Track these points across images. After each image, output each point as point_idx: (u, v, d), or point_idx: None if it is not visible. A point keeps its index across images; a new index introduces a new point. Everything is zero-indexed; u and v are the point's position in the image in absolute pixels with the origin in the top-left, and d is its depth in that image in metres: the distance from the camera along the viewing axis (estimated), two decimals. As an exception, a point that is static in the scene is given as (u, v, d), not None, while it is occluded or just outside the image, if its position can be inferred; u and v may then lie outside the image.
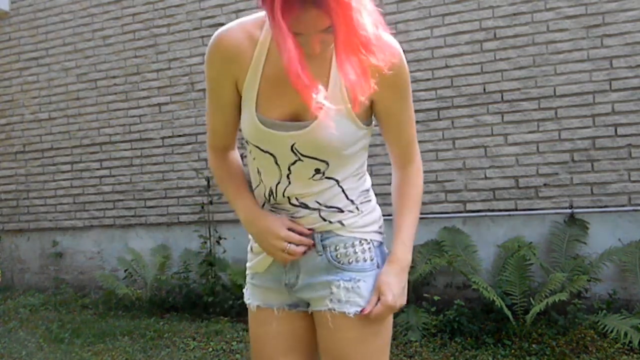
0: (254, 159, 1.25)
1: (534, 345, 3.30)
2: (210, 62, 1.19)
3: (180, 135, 5.23)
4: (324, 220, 1.22)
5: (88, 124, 5.63)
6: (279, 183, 1.21)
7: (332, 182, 1.21)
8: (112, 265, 5.35)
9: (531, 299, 3.51)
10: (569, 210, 3.97)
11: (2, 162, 6.04)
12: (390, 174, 1.41)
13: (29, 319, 4.66)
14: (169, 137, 5.28)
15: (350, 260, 1.23)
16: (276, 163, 1.19)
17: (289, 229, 1.21)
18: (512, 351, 3.29)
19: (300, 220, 1.23)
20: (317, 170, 1.18)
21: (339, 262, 1.22)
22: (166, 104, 5.31)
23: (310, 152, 1.16)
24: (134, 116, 5.43)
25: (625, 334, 3.20)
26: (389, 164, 1.40)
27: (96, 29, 5.62)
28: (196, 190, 5.08)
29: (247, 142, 1.23)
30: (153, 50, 5.37)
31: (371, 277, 1.23)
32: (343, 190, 1.23)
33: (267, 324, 1.31)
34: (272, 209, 1.26)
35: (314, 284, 1.24)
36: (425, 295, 4.00)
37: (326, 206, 1.22)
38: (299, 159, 1.17)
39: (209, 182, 4.82)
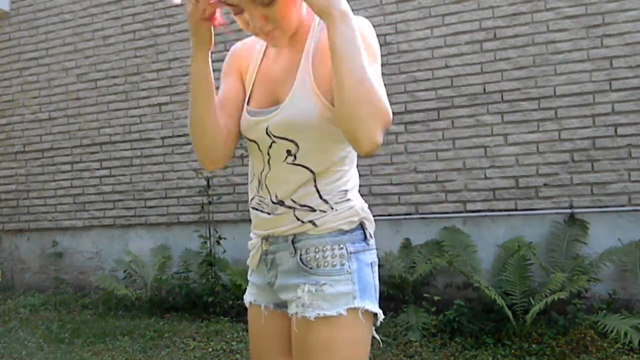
0: (249, 153, 1.32)
1: (534, 345, 3.30)
2: (227, 63, 1.36)
3: (180, 135, 5.23)
4: (298, 219, 1.22)
5: (88, 124, 5.63)
6: (262, 170, 1.25)
7: (308, 174, 1.20)
8: (112, 265, 5.35)
9: (531, 298, 3.51)
10: (569, 210, 3.97)
11: (2, 162, 6.05)
12: (390, 174, 1.41)
13: (29, 319, 4.66)
14: (169, 137, 5.28)
15: (319, 264, 1.20)
16: (259, 149, 1.25)
17: None
18: (512, 351, 3.29)
19: (278, 218, 1.24)
20: (289, 152, 1.20)
21: (306, 266, 1.21)
22: (166, 104, 5.31)
23: (280, 132, 1.19)
24: (134, 116, 5.44)
25: (625, 334, 3.20)
26: (389, 164, 1.40)
27: (96, 29, 5.63)
28: (196, 190, 5.08)
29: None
30: (153, 50, 5.37)
31: (339, 283, 1.18)
32: (317, 190, 1.21)
33: (258, 321, 1.33)
34: (258, 205, 1.28)
35: (287, 285, 1.24)
36: (425, 295, 4.00)
37: (300, 205, 1.22)
38: (273, 141, 1.21)
39: (209, 182, 4.81)
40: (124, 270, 4.99)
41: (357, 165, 1.30)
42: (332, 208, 1.21)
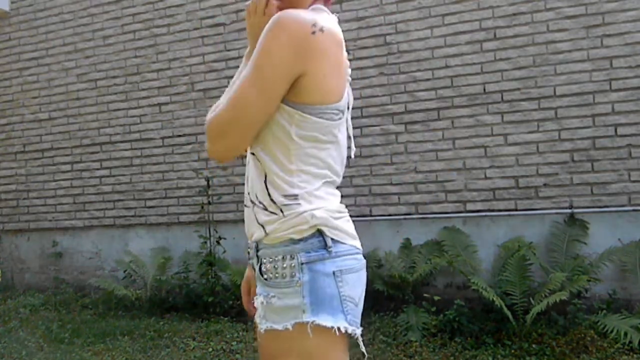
0: None
1: (534, 345, 3.30)
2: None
3: (180, 135, 5.23)
4: (255, 217, 1.20)
5: (88, 124, 5.63)
6: (248, 163, 1.29)
7: (260, 168, 1.18)
8: (112, 265, 5.35)
9: (531, 299, 3.51)
10: (569, 210, 3.97)
11: (2, 162, 6.04)
12: (390, 174, 1.41)
13: (29, 319, 4.66)
14: (169, 137, 5.28)
15: (270, 276, 1.15)
16: None
17: None
18: (512, 351, 3.29)
19: (247, 214, 1.23)
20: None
21: (263, 276, 1.18)
22: (166, 104, 5.31)
23: None
24: (134, 116, 5.44)
25: (625, 334, 3.20)
26: (389, 164, 1.40)
27: (96, 29, 5.63)
28: (196, 190, 5.08)
29: None
30: (153, 50, 5.37)
31: (287, 295, 1.12)
32: (267, 187, 1.17)
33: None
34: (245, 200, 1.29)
35: (257, 294, 1.21)
36: (425, 295, 4.00)
37: (258, 201, 1.19)
38: None
39: (209, 182, 4.81)
40: (124, 270, 4.99)
41: (358, 165, 1.29)
42: (281, 211, 1.15)
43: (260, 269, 1.18)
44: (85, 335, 4.07)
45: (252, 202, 1.20)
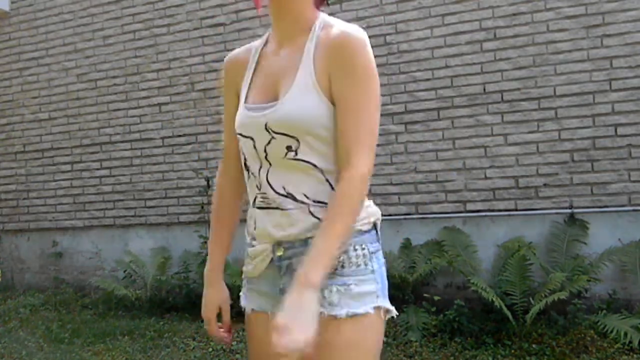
0: (243, 154, 1.30)
1: (534, 345, 3.30)
2: (222, 80, 1.39)
3: (180, 135, 5.23)
4: (314, 216, 1.19)
5: (88, 124, 5.63)
6: (260, 168, 1.24)
7: (314, 170, 1.18)
8: (111, 265, 5.35)
9: (531, 299, 3.51)
10: (569, 210, 3.98)
11: (2, 162, 6.05)
12: (390, 174, 1.41)
13: (29, 319, 4.66)
14: (169, 137, 5.28)
15: (344, 265, 1.19)
16: (254, 147, 1.23)
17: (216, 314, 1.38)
18: (512, 351, 3.29)
19: (289, 214, 1.20)
20: (289, 148, 1.18)
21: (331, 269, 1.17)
22: (166, 104, 5.31)
23: (280, 128, 1.17)
24: (134, 116, 5.44)
25: (625, 334, 3.20)
26: (389, 164, 1.41)
27: (96, 29, 5.63)
28: (196, 190, 5.08)
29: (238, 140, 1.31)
30: (153, 50, 5.37)
31: (364, 282, 1.19)
32: (330, 184, 1.19)
33: (262, 327, 1.30)
34: (262, 203, 1.24)
35: (328, 284, 1.19)
36: (425, 295, 4.00)
37: (314, 201, 1.19)
38: (273, 137, 1.19)
39: (208, 182, 4.82)
40: (124, 270, 4.99)
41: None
42: None
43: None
44: (85, 335, 4.07)
45: (298, 201, 1.20)
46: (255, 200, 1.27)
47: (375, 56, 4.10)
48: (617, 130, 3.92)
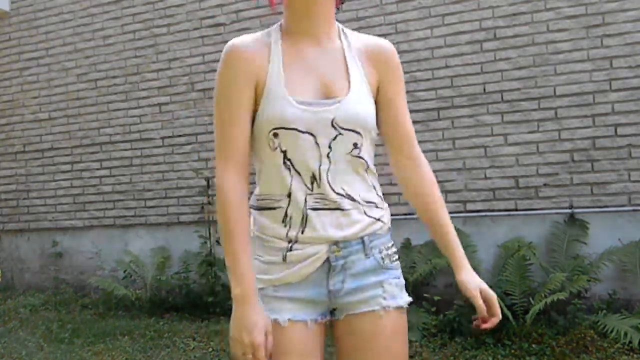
0: (282, 151, 1.20)
1: (534, 345, 3.30)
2: (228, 68, 1.24)
3: (180, 135, 5.23)
4: (368, 216, 1.27)
5: (88, 124, 5.63)
6: (320, 165, 1.20)
7: (365, 168, 1.29)
8: (111, 265, 5.35)
9: (531, 299, 3.51)
10: (569, 210, 3.97)
11: (2, 162, 6.05)
12: (390, 174, 1.43)
13: (29, 319, 4.66)
14: (169, 137, 5.28)
15: (391, 260, 1.30)
16: (316, 143, 1.19)
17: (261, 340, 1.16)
18: (512, 351, 3.29)
19: (349, 214, 1.23)
20: (355, 145, 1.23)
21: (384, 263, 1.28)
22: (166, 104, 5.31)
23: (348, 124, 1.21)
24: (134, 116, 5.44)
25: (625, 334, 3.20)
26: (389, 164, 1.41)
27: (96, 29, 5.63)
28: (196, 190, 5.07)
29: (272, 135, 1.20)
30: (153, 50, 5.37)
31: (401, 276, 1.32)
32: (374, 186, 1.33)
33: (301, 338, 1.22)
34: (318, 204, 1.21)
35: (363, 286, 1.25)
36: (425, 295, 4.00)
37: (365, 201, 1.27)
38: (340, 133, 1.21)
39: (208, 182, 4.82)
40: (123, 270, 4.99)
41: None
42: (384, 205, 1.35)
43: (378, 258, 1.28)
44: (85, 335, 4.07)
45: (355, 201, 1.25)
46: (305, 201, 1.21)
47: (375, 56, 3.90)
48: (617, 130, 3.92)
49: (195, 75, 5.19)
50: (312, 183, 1.21)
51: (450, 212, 1.44)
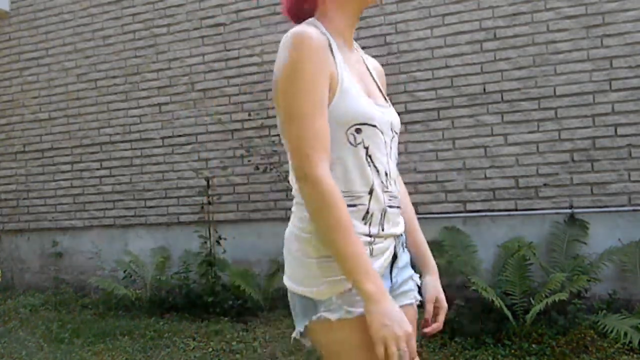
0: (365, 147, 1.19)
1: (534, 345, 3.30)
2: (309, 58, 1.13)
3: (180, 135, 5.23)
4: (399, 209, 1.32)
5: (88, 124, 5.63)
6: (388, 163, 1.26)
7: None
8: (111, 265, 5.35)
9: (531, 299, 3.51)
10: (569, 210, 3.97)
11: (2, 162, 6.05)
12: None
13: (29, 319, 4.66)
14: (169, 137, 5.28)
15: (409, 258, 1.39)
16: (385, 141, 1.25)
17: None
18: (512, 351, 3.29)
19: (401, 213, 1.33)
20: (398, 149, 1.35)
21: (410, 258, 1.38)
22: (166, 104, 5.31)
23: (397, 128, 1.32)
24: (134, 116, 5.44)
25: (625, 334, 3.20)
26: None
27: (96, 29, 5.63)
28: (196, 190, 5.08)
29: (354, 130, 1.18)
30: (153, 50, 5.37)
31: None
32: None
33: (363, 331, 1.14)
34: (390, 201, 1.25)
35: (405, 279, 1.33)
36: (425, 295, 3.99)
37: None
38: (395, 135, 1.30)
39: (208, 182, 4.82)
40: (123, 270, 4.99)
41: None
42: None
43: (404, 253, 1.34)
44: (85, 335, 4.07)
45: (397, 198, 1.30)
46: (383, 197, 1.22)
47: (375, 56, 4.09)
48: (617, 130, 3.92)
49: (195, 75, 5.19)
50: (386, 180, 1.24)
51: (450, 212, 1.47)
